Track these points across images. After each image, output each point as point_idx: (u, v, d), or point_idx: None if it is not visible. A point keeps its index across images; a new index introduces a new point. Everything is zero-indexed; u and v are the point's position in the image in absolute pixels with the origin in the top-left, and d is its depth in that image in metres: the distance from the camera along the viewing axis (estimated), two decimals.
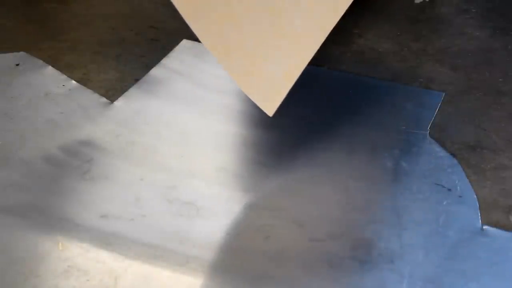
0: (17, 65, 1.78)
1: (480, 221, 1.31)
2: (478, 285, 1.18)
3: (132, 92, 1.68)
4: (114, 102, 1.64)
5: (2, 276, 1.19)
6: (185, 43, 1.88)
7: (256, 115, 1.60)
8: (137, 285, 1.18)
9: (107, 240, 1.26)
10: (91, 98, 1.66)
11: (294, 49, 1.32)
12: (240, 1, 1.32)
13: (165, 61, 1.81)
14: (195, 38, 1.86)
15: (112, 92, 1.69)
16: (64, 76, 1.74)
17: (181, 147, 1.51)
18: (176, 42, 1.88)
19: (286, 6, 1.34)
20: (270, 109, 1.30)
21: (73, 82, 1.71)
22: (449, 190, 1.38)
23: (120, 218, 1.31)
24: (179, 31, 1.92)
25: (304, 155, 1.48)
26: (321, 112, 1.62)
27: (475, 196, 1.36)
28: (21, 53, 1.82)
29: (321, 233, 1.29)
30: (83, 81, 1.72)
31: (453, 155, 1.47)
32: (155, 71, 1.76)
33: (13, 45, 1.85)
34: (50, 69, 1.76)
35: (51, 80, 1.72)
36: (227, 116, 1.62)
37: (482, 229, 1.29)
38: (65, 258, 1.22)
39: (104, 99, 1.66)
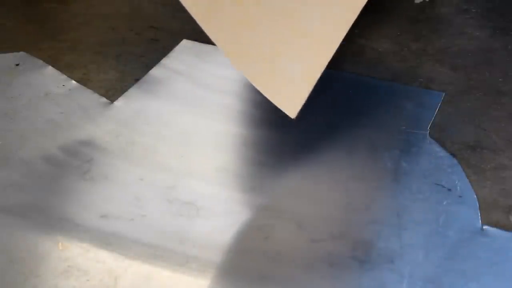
0: (17, 65, 1.78)
1: (480, 221, 1.31)
2: (478, 285, 1.18)
3: (132, 92, 1.68)
4: (114, 102, 1.64)
5: (2, 276, 1.19)
6: (185, 43, 1.88)
7: (256, 115, 1.60)
8: (137, 285, 1.18)
9: (107, 240, 1.26)
10: (91, 98, 1.66)
11: (313, 50, 1.31)
12: (255, 3, 1.30)
13: (165, 61, 1.81)
14: (195, 38, 1.88)
15: (112, 92, 1.69)
16: (64, 76, 1.73)
17: (181, 147, 1.51)
18: (176, 42, 1.88)
19: (302, 7, 1.33)
20: (292, 111, 1.28)
21: (73, 82, 1.71)
22: (449, 190, 1.38)
23: (120, 218, 1.31)
24: (179, 31, 1.92)
25: (304, 155, 1.48)
26: (321, 112, 1.62)
27: (475, 196, 1.36)
28: (21, 53, 1.82)
29: (321, 233, 1.29)
30: (83, 81, 1.72)
31: (453, 155, 1.47)
32: (155, 71, 1.76)
33: (13, 45, 1.85)
34: (50, 69, 1.76)
35: (51, 80, 1.72)
36: (227, 116, 1.61)
37: (482, 229, 1.29)
38: (65, 258, 1.22)
39: (104, 99, 1.66)
